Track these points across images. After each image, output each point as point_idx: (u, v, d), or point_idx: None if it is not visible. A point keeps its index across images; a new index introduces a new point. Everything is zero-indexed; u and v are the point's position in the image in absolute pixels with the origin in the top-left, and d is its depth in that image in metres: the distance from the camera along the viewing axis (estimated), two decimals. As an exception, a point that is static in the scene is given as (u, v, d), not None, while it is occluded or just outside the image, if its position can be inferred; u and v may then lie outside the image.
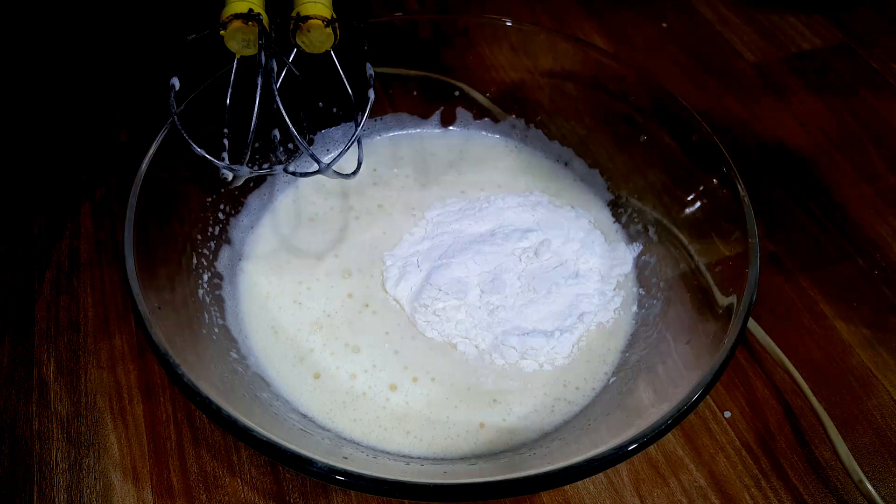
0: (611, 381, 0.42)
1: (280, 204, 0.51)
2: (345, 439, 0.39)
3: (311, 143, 0.53)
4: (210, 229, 0.46)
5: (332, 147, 0.55)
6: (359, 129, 0.39)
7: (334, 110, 0.53)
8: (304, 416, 0.40)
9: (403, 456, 0.39)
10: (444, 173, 0.54)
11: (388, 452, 0.39)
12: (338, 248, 0.49)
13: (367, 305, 0.45)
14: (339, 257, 0.48)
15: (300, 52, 0.41)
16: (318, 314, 0.45)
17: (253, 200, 0.50)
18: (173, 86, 0.37)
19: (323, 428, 0.39)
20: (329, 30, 0.39)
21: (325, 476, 0.29)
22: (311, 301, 0.45)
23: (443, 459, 0.39)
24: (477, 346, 0.43)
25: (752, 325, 0.45)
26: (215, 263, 0.45)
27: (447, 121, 0.57)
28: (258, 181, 0.50)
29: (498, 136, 0.56)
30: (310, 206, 0.51)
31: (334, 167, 0.40)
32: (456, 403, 0.41)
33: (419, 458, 0.39)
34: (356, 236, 0.49)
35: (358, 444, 0.39)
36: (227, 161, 0.39)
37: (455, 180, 0.53)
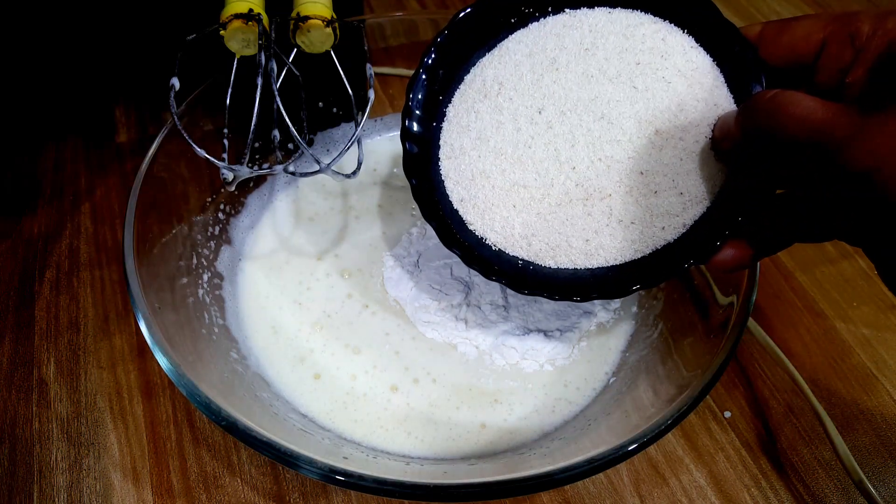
0: (611, 381, 0.42)
1: (280, 204, 0.51)
2: (345, 440, 0.39)
3: (311, 143, 0.53)
4: (210, 229, 0.46)
5: (332, 147, 0.55)
6: (358, 129, 0.39)
7: (334, 110, 0.53)
8: (305, 416, 0.40)
9: (404, 456, 0.39)
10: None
11: (388, 453, 0.39)
12: (338, 248, 0.49)
13: (366, 306, 0.45)
14: (340, 257, 0.48)
15: (300, 52, 0.41)
16: (318, 314, 0.45)
17: (253, 200, 0.50)
18: (173, 86, 0.37)
19: (323, 428, 0.39)
20: (329, 30, 0.39)
21: (325, 476, 0.29)
22: (311, 301, 0.45)
23: (443, 460, 0.39)
24: (477, 347, 0.43)
25: (752, 325, 0.45)
26: (215, 263, 0.45)
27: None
28: (258, 181, 0.50)
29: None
30: (310, 205, 0.51)
31: (334, 167, 0.40)
32: (457, 404, 0.41)
33: (419, 458, 0.39)
34: (356, 236, 0.49)
35: (358, 444, 0.39)
36: (227, 161, 0.39)
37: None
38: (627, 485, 0.40)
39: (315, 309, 0.45)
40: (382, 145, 0.56)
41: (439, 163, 0.38)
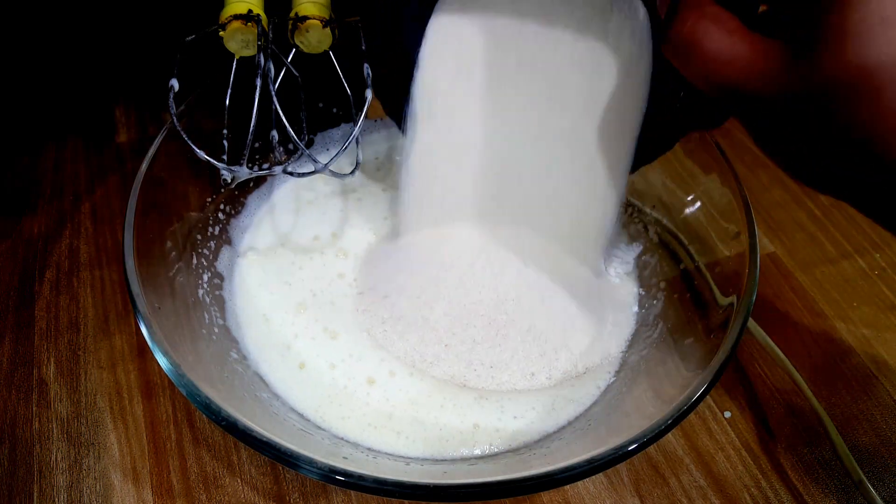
0: (611, 381, 0.42)
1: (279, 191, 0.51)
2: (340, 439, 0.39)
3: (310, 143, 0.53)
4: (210, 229, 0.46)
5: (332, 147, 0.55)
6: (357, 129, 0.39)
7: (334, 110, 0.53)
8: (298, 413, 0.39)
9: (402, 457, 0.39)
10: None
11: (386, 453, 0.39)
12: (336, 228, 0.48)
13: (352, 286, 0.44)
14: (337, 237, 0.48)
15: (299, 53, 0.41)
16: (305, 294, 0.44)
17: (253, 200, 0.50)
18: (172, 87, 0.37)
19: (316, 426, 0.39)
20: (327, 30, 0.39)
21: (325, 476, 0.29)
22: (301, 281, 0.45)
23: (442, 460, 0.38)
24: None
25: (752, 325, 0.45)
26: (215, 263, 0.45)
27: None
28: (258, 181, 0.50)
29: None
30: (309, 191, 0.51)
31: (332, 167, 0.40)
32: (441, 402, 0.40)
33: (418, 459, 0.38)
34: (356, 218, 0.49)
35: (356, 444, 0.39)
36: (226, 161, 0.39)
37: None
38: (627, 485, 0.40)
39: (303, 288, 0.44)
40: (382, 140, 0.55)
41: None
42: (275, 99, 0.37)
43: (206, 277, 0.43)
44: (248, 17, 0.37)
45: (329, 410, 0.39)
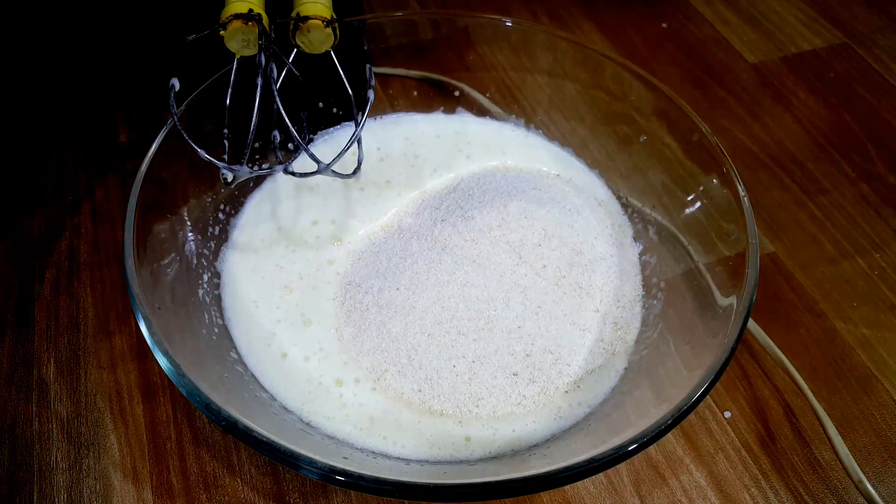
0: (615, 382, 0.42)
1: (280, 176, 0.51)
2: (333, 438, 0.38)
3: (310, 143, 0.53)
4: (210, 229, 0.46)
5: (332, 146, 0.55)
6: (358, 129, 0.39)
7: (334, 110, 0.53)
8: (292, 412, 0.39)
9: (400, 457, 0.38)
10: (451, 155, 0.53)
11: (384, 454, 0.38)
12: (335, 215, 0.48)
13: (339, 273, 0.44)
14: (336, 224, 0.47)
15: (300, 53, 0.41)
16: (293, 277, 0.44)
17: (253, 200, 0.50)
18: (173, 86, 0.37)
19: (309, 425, 0.39)
20: (329, 30, 0.39)
21: (325, 476, 0.29)
22: (292, 262, 0.45)
23: (442, 461, 0.38)
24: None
25: (752, 325, 0.45)
26: (215, 263, 0.45)
27: (447, 121, 0.57)
28: (258, 181, 0.50)
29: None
30: (310, 179, 0.50)
31: (334, 167, 0.40)
32: (418, 417, 0.38)
33: (417, 459, 0.38)
34: (357, 208, 0.49)
35: (349, 444, 0.38)
36: (227, 161, 0.39)
37: (460, 161, 0.53)
38: (627, 485, 0.40)
39: (292, 271, 0.44)
40: (381, 128, 0.55)
41: None
42: (277, 98, 0.37)
43: (206, 277, 0.43)
44: (248, 17, 0.37)
45: (313, 408, 0.39)
